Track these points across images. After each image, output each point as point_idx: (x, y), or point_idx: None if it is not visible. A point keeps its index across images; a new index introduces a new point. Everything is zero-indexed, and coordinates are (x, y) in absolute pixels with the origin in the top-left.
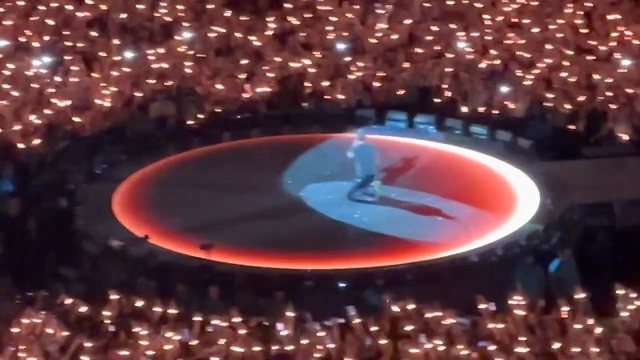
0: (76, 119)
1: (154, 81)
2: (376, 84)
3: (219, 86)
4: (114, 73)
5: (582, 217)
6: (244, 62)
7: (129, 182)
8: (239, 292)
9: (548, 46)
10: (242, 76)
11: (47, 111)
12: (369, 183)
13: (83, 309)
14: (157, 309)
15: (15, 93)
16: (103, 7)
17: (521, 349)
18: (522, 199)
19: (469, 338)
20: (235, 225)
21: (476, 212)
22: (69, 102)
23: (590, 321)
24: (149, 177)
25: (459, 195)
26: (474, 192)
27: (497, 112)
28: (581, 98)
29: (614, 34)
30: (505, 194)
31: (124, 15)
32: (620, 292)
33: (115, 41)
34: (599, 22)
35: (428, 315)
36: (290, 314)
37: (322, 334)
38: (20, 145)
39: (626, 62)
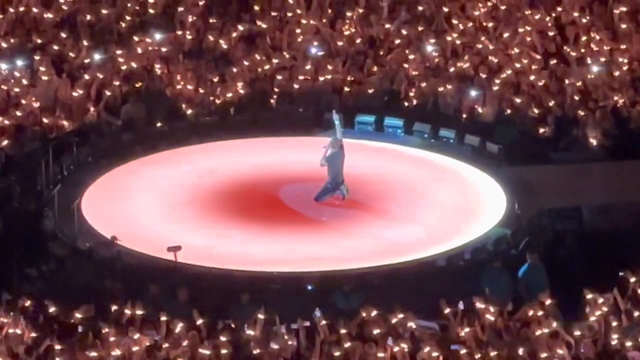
0: (45, 120)
1: (123, 83)
2: (345, 88)
3: (189, 88)
4: (83, 75)
5: (551, 222)
6: (214, 64)
7: (98, 183)
8: (206, 294)
9: (517, 50)
10: (212, 78)
11: (15, 112)
12: (338, 188)
13: (51, 310)
14: (125, 311)
15: None
16: (72, 8)
17: (489, 353)
18: (490, 203)
19: (437, 342)
20: (202, 227)
21: (444, 216)
22: (37, 104)
23: (558, 326)
24: (118, 179)
25: (427, 199)
26: (442, 196)
27: (465, 116)
28: (550, 103)
29: (583, 39)
30: (473, 198)
31: (93, 17)
32: (588, 296)
33: (85, 42)
34: (568, 26)
35: (395, 318)
36: (257, 316)
37: (288, 336)
38: None
39: (595, 67)
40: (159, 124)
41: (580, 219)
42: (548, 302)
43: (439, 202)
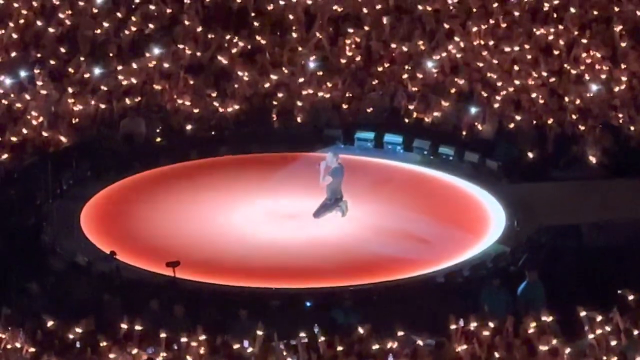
0: (44, 135)
1: (122, 97)
2: (345, 104)
3: (188, 103)
4: (83, 89)
5: (550, 239)
6: (213, 79)
7: (97, 198)
8: (205, 310)
9: (517, 68)
10: (211, 94)
11: (15, 127)
12: (337, 204)
13: (50, 324)
14: (124, 326)
15: None
16: (73, 23)
17: None
18: (489, 220)
19: (434, 359)
20: (201, 243)
21: (443, 233)
22: (37, 118)
23: (557, 343)
24: (117, 194)
25: (426, 216)
26: (441, 213)
27: (465, 133)
28: (550, 120)
29: (584, 56)
30: (472, 215)
31: (93, 31)
32: (586, 314)
33: (84, 57)
34: (569, 44)
35: (393, 335)
36: (256, 332)
37: (287, 352)
38: None
39: (595, 85)
40: (158, 139)
41: (579, 236)
42: (547, 319)
43: (438, 219)
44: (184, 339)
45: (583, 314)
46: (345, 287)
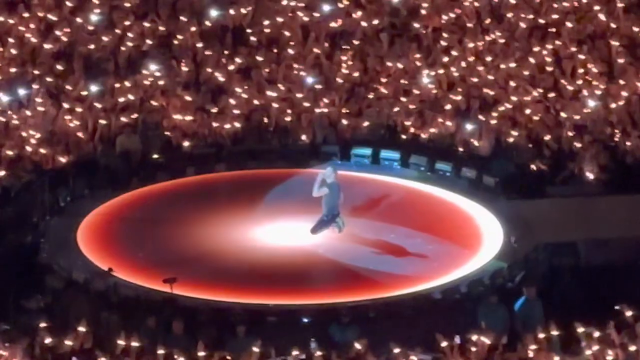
0: (42, 152)
1: (119, 114)
2: (342, 120)
3: (185, 120)
4: (80, 106)
5: (547, 256)
6: (210, 96)
7: (94, 215)
8: (202, 326)
9: (514, 84)
10: (208, 110)
11: (12, 143)
12: (334, 220)
13: (48, 341)
14: (121, 342)
15: None
16: (70, 39)
17: None
18: (486, 237)
19: None
20: (200, 259)
21: (440, 249)
22: (34, 135)
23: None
24: (114, 211)
25: (423, 232)
26: (438, 229)
27: (462, 149)
28: (547, 137)
29: (580, 71)
30: (470, 231)
31: (90, 48)
32: (584, 331)
33: (81, 74)
34: (565, 60)
35: (390, 351)
36: (253, 348)
37: None
38: None
39: (592, 101)
40: (155, 156)
41: (576, 253)
42: (544, 336)
43: (435, 235)
44: (181, 356)
45: (580, 329)
46: (342, 304)
